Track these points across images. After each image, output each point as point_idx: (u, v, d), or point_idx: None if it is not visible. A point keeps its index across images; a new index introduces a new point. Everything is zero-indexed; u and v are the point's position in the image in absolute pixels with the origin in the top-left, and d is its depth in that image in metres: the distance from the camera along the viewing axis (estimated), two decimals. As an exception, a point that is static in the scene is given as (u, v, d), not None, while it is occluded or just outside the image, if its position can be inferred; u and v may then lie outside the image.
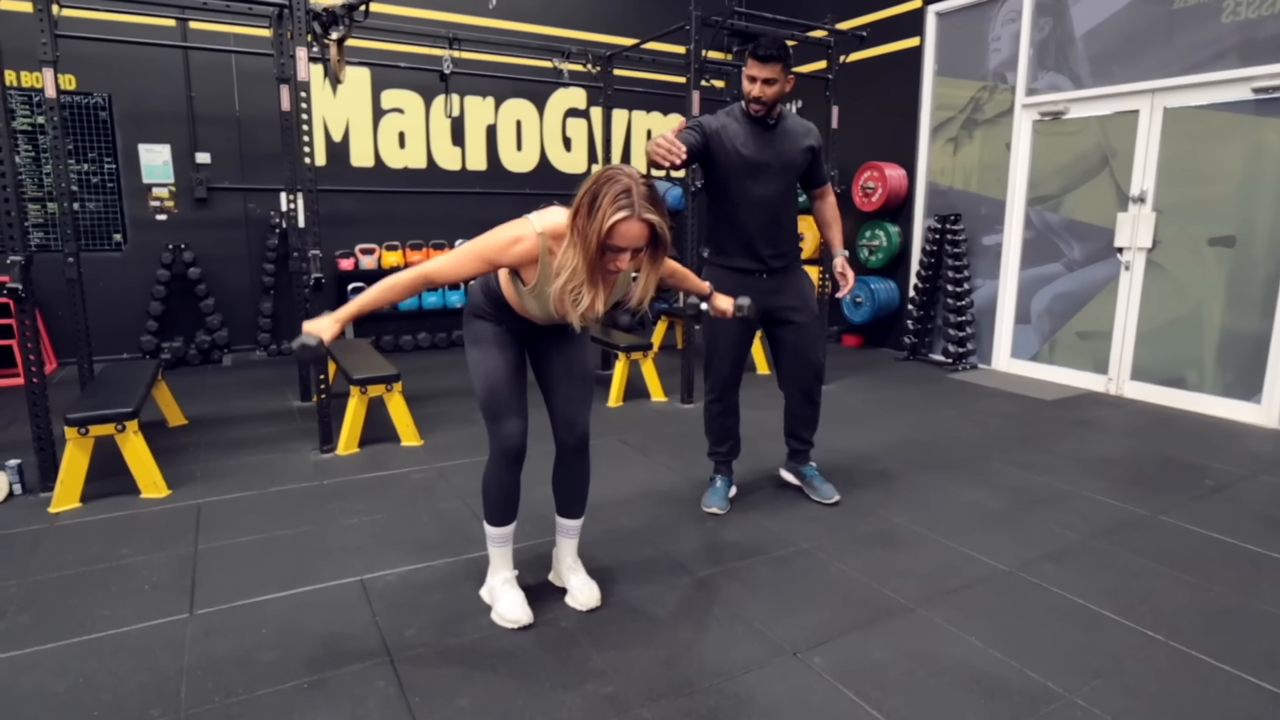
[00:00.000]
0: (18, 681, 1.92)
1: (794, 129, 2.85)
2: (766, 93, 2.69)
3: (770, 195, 2.82)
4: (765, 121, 2.78)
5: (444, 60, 4.71)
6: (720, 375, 3.00)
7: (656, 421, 4.30)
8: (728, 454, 3.14)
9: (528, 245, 1.89)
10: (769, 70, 2.66)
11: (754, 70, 2.68)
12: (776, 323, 2.95)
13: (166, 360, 5.58)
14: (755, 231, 2.82)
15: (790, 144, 2.83)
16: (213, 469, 3.46)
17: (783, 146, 2.81)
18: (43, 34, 3.69)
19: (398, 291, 1.93)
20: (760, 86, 2.68)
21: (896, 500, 3.15)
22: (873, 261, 6.26)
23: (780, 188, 2.84)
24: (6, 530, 2.80)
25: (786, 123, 2.85)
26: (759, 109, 2.73)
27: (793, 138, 2.84)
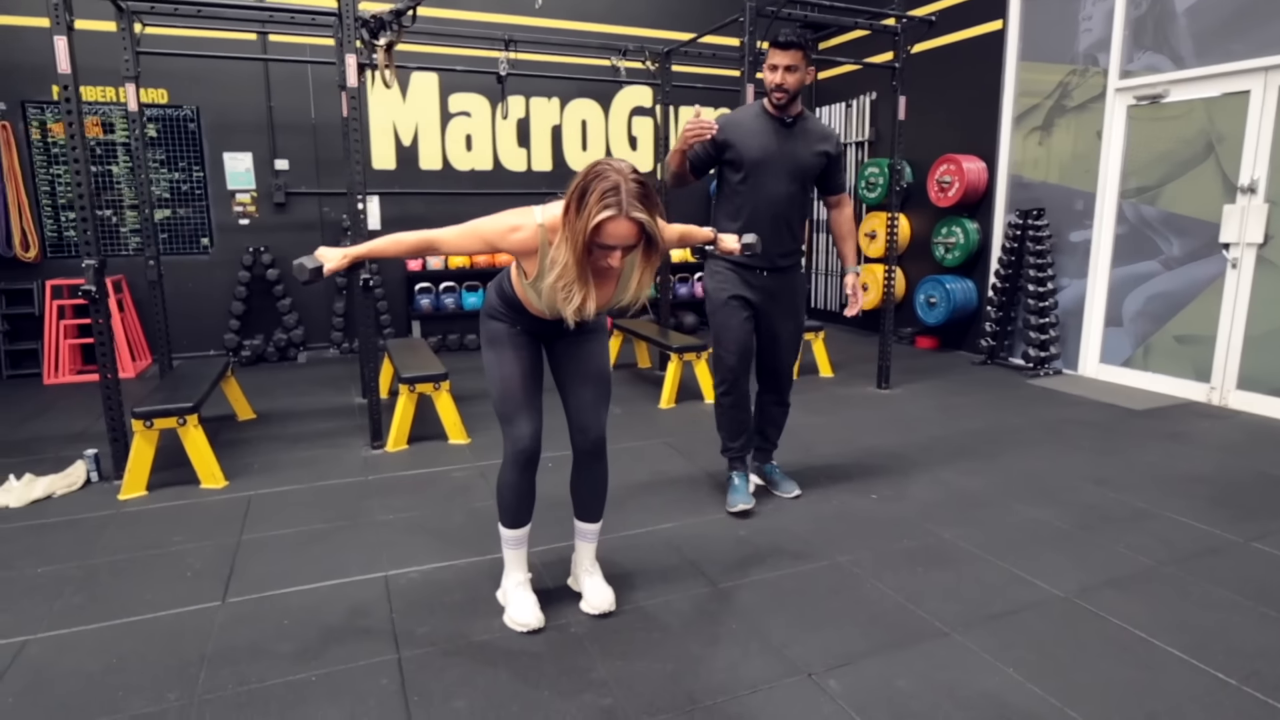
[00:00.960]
0: (59, 660, 2.03)
1: (812, 131, 2.82)
2: (788, 80, 2.66)
3: (778, 194, 2.78)
4: (783, 120, 2.76)
5: (500, 62, 4.76)
6: (728, 365, 2.96)
7: (707, 424, 4.19)
8: (742, 449, 3.10)
9: (526, 235, 1.86)
10: (789, 57, 2.63)
11: (775, 58, 2.65)
12: (768, 325, 2.97)
13: (246, 357, 5.90)
14: (760, 229, 2.75)
15: (805, 145, 2.79)
16: (269, 462, 3.61)
17: (797, 146, 2.78)
18: (125, 51, 3.95)
19: (401, 247, 1.95)
20: (782, 74, 2.66)
21: (948, 514, 2.95)
22: (949, 260, 5.94)
23: (789, 187, 2.79)
24: (78, 515, 2.99)
25: (805, 123, 2.82)
26: (781, 97, 2.69)
27: (809, 139, 2.80)
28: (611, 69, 5.26)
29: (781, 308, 2.93)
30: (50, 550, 2.67)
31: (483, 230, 1.90)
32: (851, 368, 5.54)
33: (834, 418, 4.32)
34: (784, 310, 2.94)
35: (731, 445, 3.05)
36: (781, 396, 3.12)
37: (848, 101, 7.17)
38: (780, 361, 3.04)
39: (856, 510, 3.00)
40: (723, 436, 3.06)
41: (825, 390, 4.97)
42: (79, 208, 3.14)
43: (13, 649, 2.07)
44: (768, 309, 2.91)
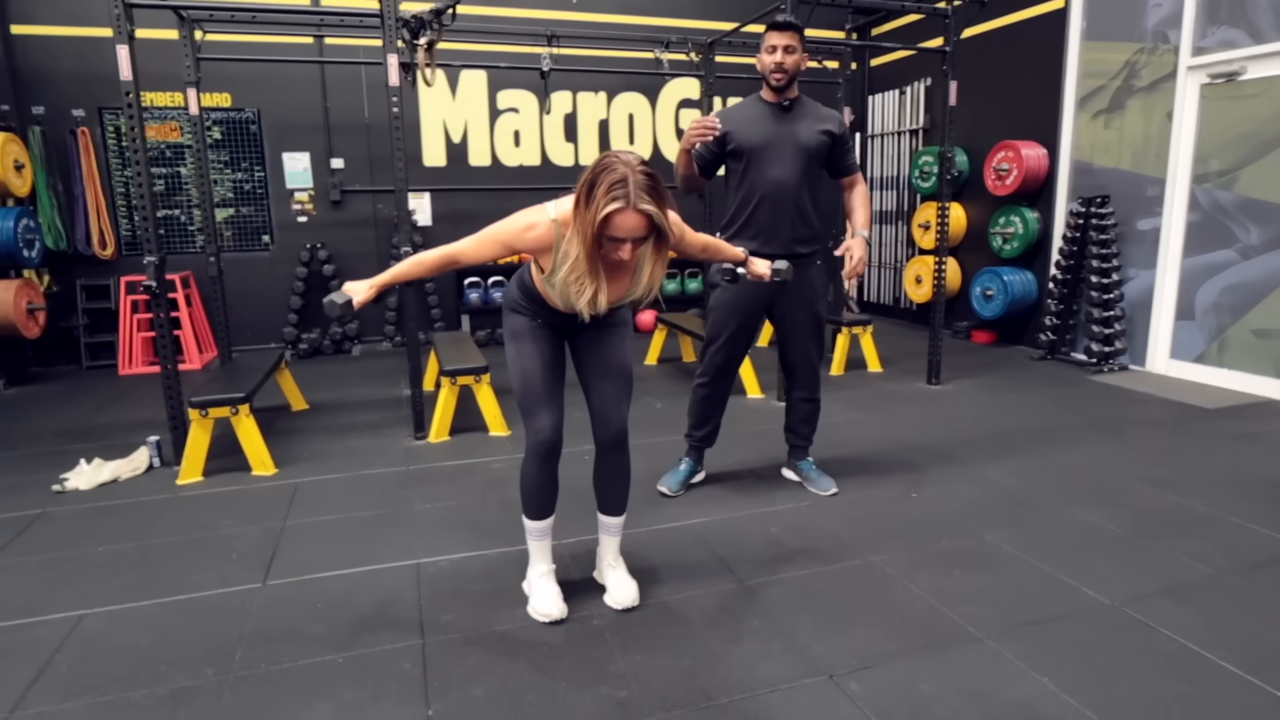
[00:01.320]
0: (111, 632, 2.15)
1: (811, 112, 2.84)
2: (787, 60, 2.72)
3: (785, 178, 2.76)
4: (780, 104, 2.78)
5: (543, 58, 4.79)
6: (714, 363, 2.99)
7: (745, 419, 4.15)
8: (702, 440, 3.13)
9: (541, 232, 1.87)
10: (787, 37, 2.71)
11: (773, 39, 2.73)
12: (780, 315, 2.94)
13: (303, 350, 6.11)
14: (772, 217, 2.78)
15: (805, 127, 2.79)
16: (318, 451, 3.73)
17: (797, 129, 2.78)
18: (186, 58, 4.12)
19: (424, 267, 1.99)
20: (781, 54, 2.72)
21: (992, 515, 2.85)
22: (1007, 251, 5.72)
23: (795, 171, 2.77)
24: (139, 498, 3.15)
25: (804, 106, 2.84)
26: (780, 77, 2.74)
27: (809, 121, 2.80)
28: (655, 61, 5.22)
29: (795, 298, 2.88)
30: (111, 530, 2.83)
31: (499, 234, 1.92)
32: (902, 363, 5.40)
33: (879, 414, 4.22)
34: (799, 301, 2.89)
35: (694, 433, 3.12)
36: (809, 393, 3.08)
37: (900, 89, 6.97)
38: (800, 355, 2.98)
39: (895, 509, 2.92)
40: (689, 421, 3.13)
41: (873, 386, 4.85)
42: (139, 208, 3.30)
43: (71, 622, 2.20)
44: (781, 299, 2.87)
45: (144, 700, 1.84)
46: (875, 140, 7.43)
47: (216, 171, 5.98)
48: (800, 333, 2.96)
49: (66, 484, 3.24)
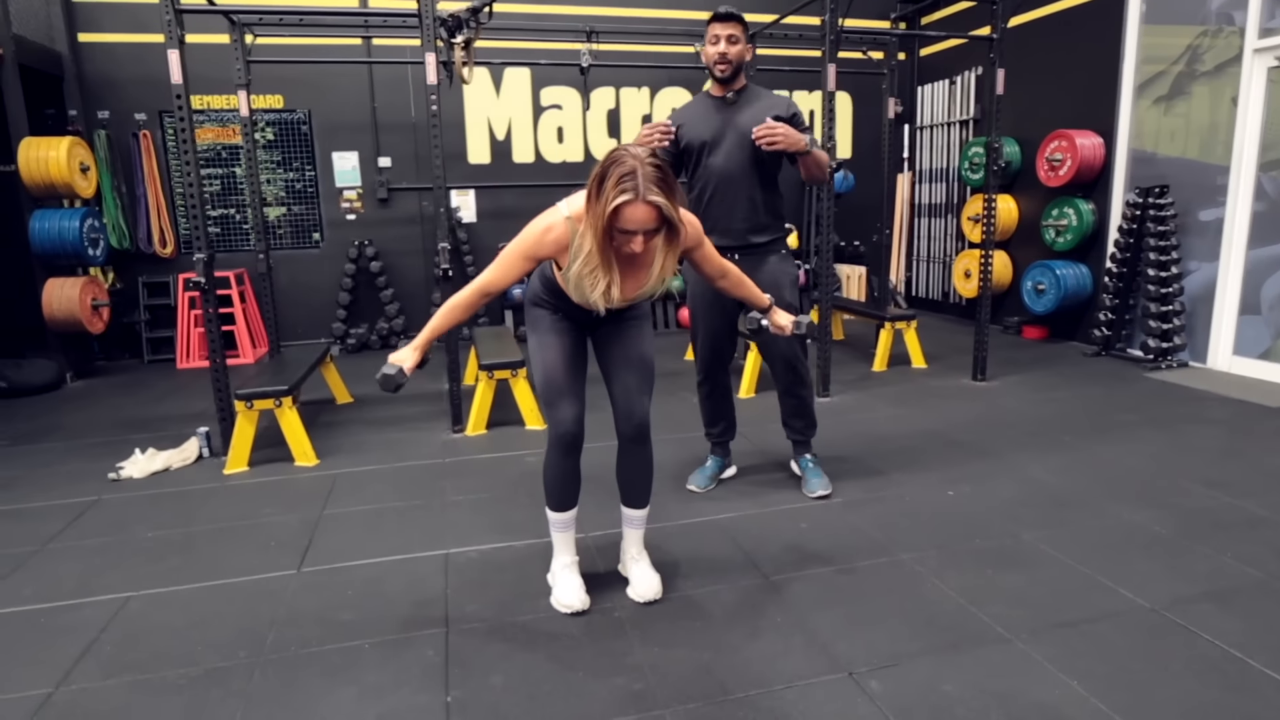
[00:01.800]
0: (153, 614, 2.25)
1: (758, 101, 2.82)
2: (730, 51, 2.72)
3: (730, 169, 2.75)
4: (724, 99, 2.79)
5: (582, 54, 4.81)
6: (702, 360, 3.01)
7: (783, 415, 4.10)
8: (721, 435, 3.12)
9: (559, 232, 1.89)
10: (729, 28, 2.70)
11: (716, 30, 2.72)
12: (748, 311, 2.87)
13: (351, 345, 6.27)
14: (723, 210, 2.79)
15: (749, 116, 2.76)
16: (358, 443, 3.83)
17: (741, 119, 2.75)
18: (237, 61, 4.26)
19: (460, 310, 2.01)
20: (724, 45, 2.71)
21: (1031, 514, 2.76)
22: (1060, 244, 5.52)
23: (741, 161, 2.75)
24: (187, 487, 3.28)
25: (751, 96, 2.82)
26: (725, 68, 2.74)
27: (755, 110, 2.77)
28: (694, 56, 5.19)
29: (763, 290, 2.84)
30: (160, 517, 2.95)
31: (520, 249, 1.93)
32: (947, 359, 5.26)
33: (920, 410, 4.12)
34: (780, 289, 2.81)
35: (710, 430, 3.14)
36: (792, 387, 3.00)
37: (951, 79, 6.78)
38: (773, 350, 2.91)
39: (929, 506, 2.85)
40: (702, 420, 3.14)
41: (915, 382, 4.74)
42: (190, 207, 3.43)
43: (118, 603, 2.30)
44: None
45: (179, 679, 1.92)
46: (924, 132, 7.25)
47: (269, 171, 6.18)
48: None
49: (121, 472, 3.40)
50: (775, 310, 2.29)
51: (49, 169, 4.82)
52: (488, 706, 1.78)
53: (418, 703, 1.80)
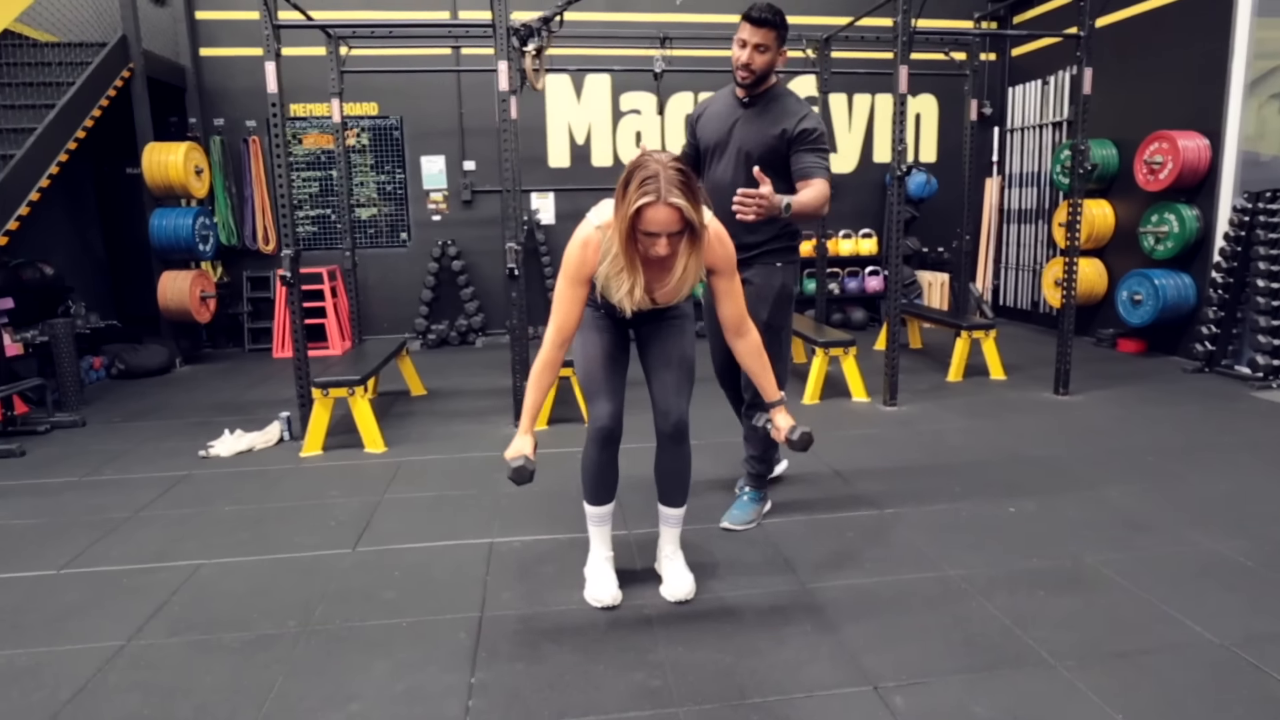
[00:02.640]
0: (219, 581, 2.42)
1: (772, 111, 2.51)
2: (756, 60, 2.43)
3: (723, 181, 2.52)
4: (742, 101, 2.53)
5: (656, 60, 4.85)
6: (715, 367, 2.84)
7: (846, 422, 4.01)
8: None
9: (595, 242, 1.93)
10: (761, 34, 2.41)
11: (744, 34, 2.43)
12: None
13: (432, 340, 6.53)
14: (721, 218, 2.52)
15: (759, 128, 2.50)
16: (426, 433, 3.99)
17: (749, 130, 2.51)
18: (332, 71, 4.53)
19: (547, 373, 2.05)
20: (750, 52, 2.43)
21: (1098, 536, 2.60)
22: (1159, 252, 5.15)
23: (733, 173, 2.51)
24: (266, 467, 3.51)
25: (767, 104, 2.52)
26: (746, 76, 2.47)
27: (765, 121, 2.50)
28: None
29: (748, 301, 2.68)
30: (238, 494, 3.17)
31: (569, 276, 1.96)
32: (1030, 370, 5.00)
33: (992, 422, 3.94)
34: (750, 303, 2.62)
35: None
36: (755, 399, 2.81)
37: (1044, 79, 6.45)
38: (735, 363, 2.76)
39: (987, 522, 2.73)
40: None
41: (992, 394, 4.53)
42: (279, 207, 3.67)
43: (190, 569, 2.49)
44: None
45: (233, 642, 2.06)
46: (1015, 134, 6.92)
47: (362, 174, 6.52)
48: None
49: (211, 450, 3.67)
50: (779, 410, 2.16)
51: (167, 171, 5.26)
52: (508, 690, 1.83)
53: (443, 681, 1.87)
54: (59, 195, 5.60)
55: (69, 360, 4.52)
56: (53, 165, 4.40)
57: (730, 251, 2.04)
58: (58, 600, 2.33)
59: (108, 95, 5.00)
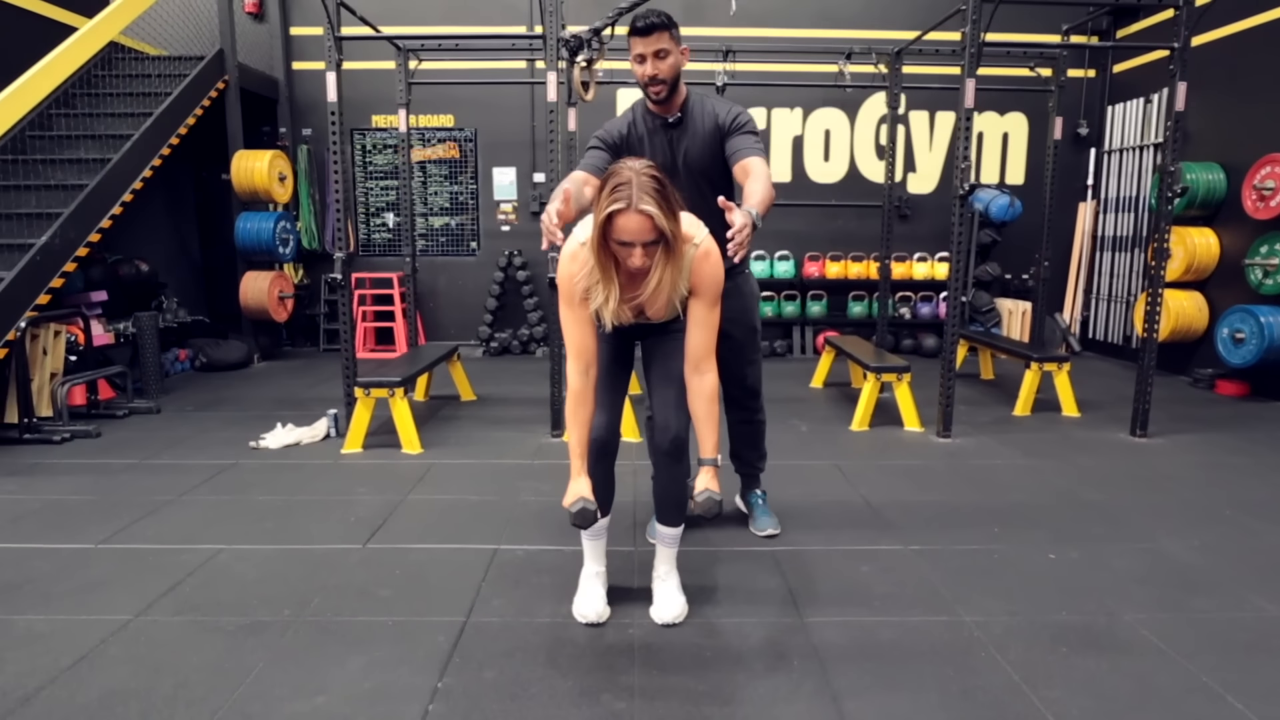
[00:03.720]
0: (233, 566, 2.51)
1: (699, 120, 2.40)
2: (661, 68, 2.31)
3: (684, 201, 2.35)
4: (665, 120, 2.40)
5: (718, 74, 4.80)
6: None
7: (892, 451, 3.82)
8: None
9: (582, 258, 1.89)
10: (654, 41, 2.29)
11: (639, 48, 2.31)
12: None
13: (494, 348, 6.66)
14: None
15: (695, 140, 2.40)
16: (465, 437, 4.05)
17: (687, 146, 2.41)
18: (399, 82, 4.71)
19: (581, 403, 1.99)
20: (652, 63, 2.31)
21: (1145, 593, 2.35)
22: (1267, 286, 4.68)
23: (691, 191, 2.34)
24: (307, 461, 3.65)
25: (693, 114, 2.41)
26: (660, 90, 2.34)
27: (704, 131, 2.39)
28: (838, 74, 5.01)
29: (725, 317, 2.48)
30: (275, 485, 3.30)
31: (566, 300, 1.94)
32: (1108, 409, 4.63)
33: (1053, 462, 3.66)
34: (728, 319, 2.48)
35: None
36: (747, 414, 2.78)
37: (1147, 97, 6.01)
38: (735, 373, 2.66)
39: (1020, 567, 2.52)
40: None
41: (1059, 431, 4.22)
42: (337, 212, 3.83)
43: (211, 553, 2.60)
44: None
45: (229, 625, 2.13)
46: (1112, 156, 6.48)
47: (437, 184, 6.76)
48: (732, 350, 2.58)
49: (261, 442, 3.84)
50: (707, 470, 2.03)
51: (253, 177, 5.60)
52: (470, 697, 1.81)
53: (410, 682, 1.87)
54: (160, 198, 6.06)
55: (152, 351, 4.85)
56: (145, 170, 4.75)
57: (719, 277, 1.96)
58: (87, 573, 2.47)
59: (202, 105, 5.38)
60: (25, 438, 3.89)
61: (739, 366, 2.69)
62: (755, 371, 2.73)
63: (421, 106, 6.55)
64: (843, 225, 6.64)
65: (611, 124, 2.48)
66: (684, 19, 6.33)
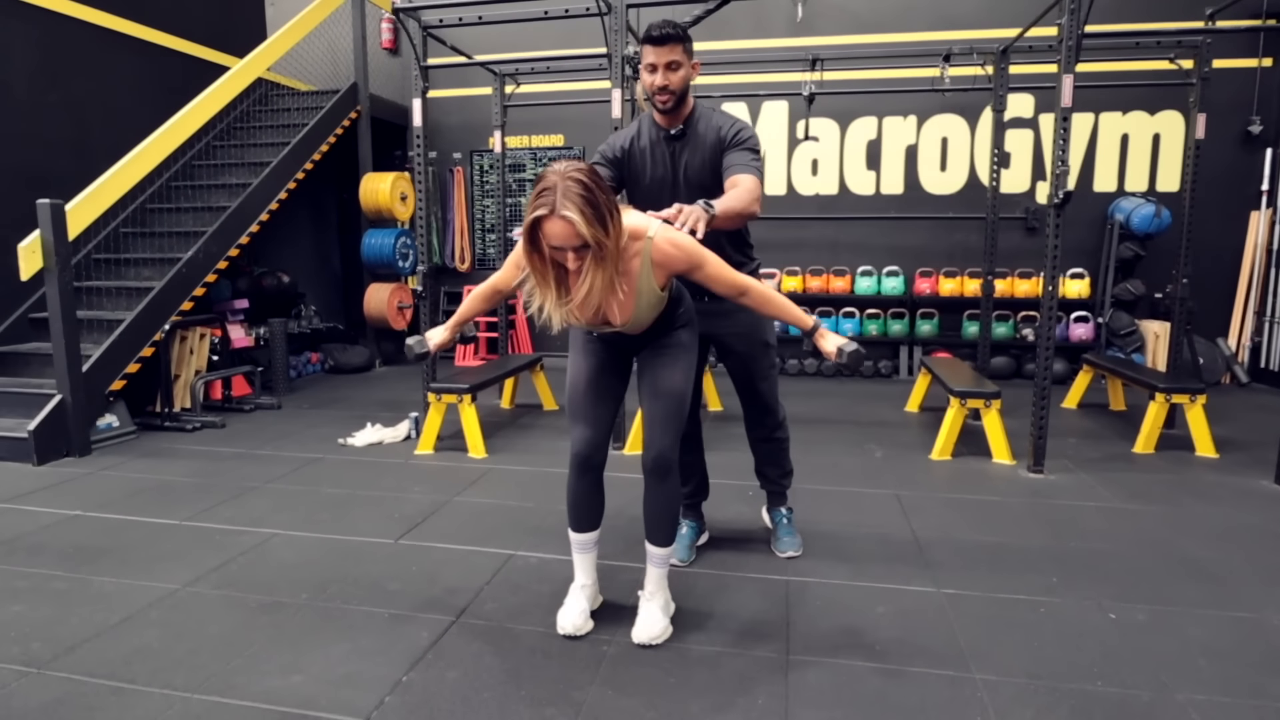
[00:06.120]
0: (280, 550, 2.75)
1: (703, 133, 2.38)
2: (673, 79, 2.30)
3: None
4: (670, 133, 2.36)
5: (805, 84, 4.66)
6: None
7: (969, 485, 3.50)
8: (692, 495, 2.78)
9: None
10: (669, 53, 2.28)
11: (651, 57, 2.30)
12: (721, 351, 2.57)
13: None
14: None
15: (698, 154, 2.36)
16: (531, 445, 4.18)
17: (690, 160, 2.37)
18: (495, 106, 4.97)
19: (478, 301, 2.25)
20: (663, 74, 2.30)
21: (1215, 671, 2.00)
22: None
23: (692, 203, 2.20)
24: (381, 459, 3.91)
25: (695, 128, 2.39)
26: (666, 99, 2.32)
27: (706, 144, 2.36)
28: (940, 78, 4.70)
29: (733, 329, 2.52)
30: (344, 479, 3.57)
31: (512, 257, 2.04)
32: (1253, 451, 3.98)
33: (1162, 508, 3.20)
34: (736, 330, 2.53)
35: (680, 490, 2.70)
36: (766, 431, 2.71)
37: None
38: (744, 390, 2.65)
39: (1068, 623, 2.23)
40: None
41: (1183, 473, 3.68)
42: (420, 229, 4.10)
43: (265, 536, 2.86)
44: (717, 333, 2.53)
45: (252, 603, 2.33)
46: (1295, 158, 5.60)
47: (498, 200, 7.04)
48: (741, 366, 2.60)
49: (349, 440, 4.17)
50: (821, 334, 2.03)
51: (377, 198, 6.11)
52: (427, 695, 1.87)
53: (378, 674, 1.95)
54: (305, 216, 6.76)
55: (281, 354, 5.41)
56: (281, 193, 5.33)
57: (689, 248, 1.92)
58: (163, 544, 2.80)
59: (335, 134, 5.95)
60: (165, 425, 4.47)
61: (750, 383, 2.62)
62: (769, 388, 2.64)
63: (533, 128, 6.89)
64: (961, 239, 6.20)
65: (615, 137, 2.50)
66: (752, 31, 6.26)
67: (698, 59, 2.40)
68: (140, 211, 5.22)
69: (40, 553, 2.72)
